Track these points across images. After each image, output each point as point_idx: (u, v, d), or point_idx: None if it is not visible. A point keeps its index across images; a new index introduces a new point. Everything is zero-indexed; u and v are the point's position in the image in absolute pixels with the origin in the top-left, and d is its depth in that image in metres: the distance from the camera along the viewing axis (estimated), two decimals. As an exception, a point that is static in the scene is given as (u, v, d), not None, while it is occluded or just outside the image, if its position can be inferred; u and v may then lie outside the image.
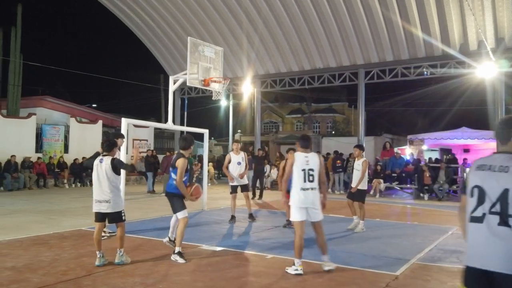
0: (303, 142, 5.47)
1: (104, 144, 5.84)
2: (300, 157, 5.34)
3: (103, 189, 5.52)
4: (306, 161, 5.29)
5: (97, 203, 5.57)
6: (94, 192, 5.60)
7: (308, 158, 5.32)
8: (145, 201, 13.15)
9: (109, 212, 5.56)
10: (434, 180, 15.09)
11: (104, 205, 5.53)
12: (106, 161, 5.62)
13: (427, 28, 16.41)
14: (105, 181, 5.53)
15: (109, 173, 5.54)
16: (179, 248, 5.80)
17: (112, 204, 5.53)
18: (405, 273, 5.40)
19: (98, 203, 5.57)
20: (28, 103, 21.23)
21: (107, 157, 5.68)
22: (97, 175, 5.59)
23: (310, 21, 18.08)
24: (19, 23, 19.66)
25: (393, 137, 27.54)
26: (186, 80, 10.52)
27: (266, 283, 4.94)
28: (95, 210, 5.61)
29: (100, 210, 5.57)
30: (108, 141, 5.95)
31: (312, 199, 5.28)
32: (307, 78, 20.43)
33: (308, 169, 5.27)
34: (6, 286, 4.60)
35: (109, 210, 5.54)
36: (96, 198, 5.58)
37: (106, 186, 5.52)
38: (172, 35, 21.27)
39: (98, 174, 5.58)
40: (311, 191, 5.27)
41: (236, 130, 37.11)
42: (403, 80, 18.72)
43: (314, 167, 5.30)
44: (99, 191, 5.55)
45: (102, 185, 5.53)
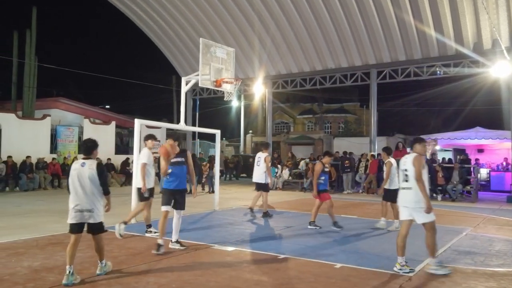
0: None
1: (82, 147, 5.35)
2: (401, 160, 5.91)
3: (87, 196, 4.93)
4: (404, 162, 5.76)
5: (78, 212, 4.91)
6: (73, 200, 4.94)
7: (406, 160, 5.74)
8: (158, 201, 13.20)
9: (92, 222, 4.97)
10: (447, 181, 14.93)
11: (86, 215, 4.93)
12: (90, 165, 5.01)
13: (440, 27, 16.25)
14: (89, 188, 4.94)
15: (93, 179, 4.95)
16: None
17: (95, 214, 4.97)
18: (418, 274, 5.37)
19: (79, 213, 4.91)
20: (43, 105, 21.53)
21: (91, 160, 5.09)
22: (78, 181, 4.93)
23: (321, 21, 18.03)
24: (34, 26, 19.95)
25: (406, 137, 27.31)
26: (198, 81, 10.57)
27: (279, 283, 4.95)
28: (76, 220, 4.93)
29: (81, 220, 4.93)
30: (86, 143, 5.29)
31: (410, 198, 5.57)
32: (319, 78, 20.38)
33: (403, 170, 5.69)
34: (23, 284, 4.68)
35: (92, 221, 4.96)
36: (75, 207, 4.91)
37: (91, 193, 4.95)
38: (184, 37, 21.39)
39: (79, 179, 4.93)
40: (407, 190, 5.61)
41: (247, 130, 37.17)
42: (415, 80, 18.57)
43: (409, 168, 5.60)
44: (82, 198, 4.91)
45: (87, 192, 4.93)
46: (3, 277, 4.92)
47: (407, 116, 41.38)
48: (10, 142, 17.12)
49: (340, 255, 6.25)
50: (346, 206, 12.83)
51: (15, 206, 11.54)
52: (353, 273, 5.37)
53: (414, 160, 5.54)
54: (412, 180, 5.48)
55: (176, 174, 6.56)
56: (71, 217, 4.95)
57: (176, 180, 6.57)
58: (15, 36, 20.47)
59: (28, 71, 19.86)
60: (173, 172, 6.54)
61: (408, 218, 5.57)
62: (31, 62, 19.83)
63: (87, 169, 4.97)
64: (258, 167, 10.25)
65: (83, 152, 5.23)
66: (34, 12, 20.02)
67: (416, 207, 5.45)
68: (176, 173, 6.56)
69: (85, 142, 5.31)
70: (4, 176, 15.49)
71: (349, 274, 5.32)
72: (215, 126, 12.46)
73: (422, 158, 5.63)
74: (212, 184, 15.66)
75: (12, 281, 4.80)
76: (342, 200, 14.57)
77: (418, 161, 5.50)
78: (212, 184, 15.85)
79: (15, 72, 20.80)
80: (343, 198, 15.06)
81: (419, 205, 5.42)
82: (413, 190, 5.46)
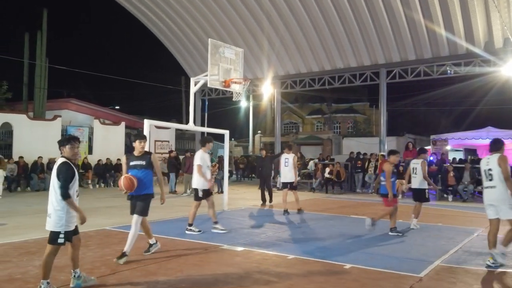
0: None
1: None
2: (483, 160, 6.07)
3: (49, 199, 4.44)
4: (487, 162, 5.89)
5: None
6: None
7: (489, 160, 5.87)
8: (167, 201, 13.22)
9: (48, 230, 4.44)
10: (458, 181, 14.78)
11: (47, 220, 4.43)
12: (56, 164, 4.44)
13: (451, 26, 16.11)
14: (52, 190, 4.41)
15: (54, 180, 4.39)
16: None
17: (51, 221, 4.42)
18: (429, 275, 5.32)
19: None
20: (53, 106, 21.76)
21: (60, 159, 4.49)
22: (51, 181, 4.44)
23: (330, 20, 17.98)
24: (45, 27, 20.16)
25: (416, 137, 27.14)
26: (206, 81, 10.60)
27: (288, 283, 4.94)
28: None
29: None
30: (64, 138, 4.63)
31: (495, 197, 5.71)
32: (328, 78, 20.31)
33: (487, 169, 5.82)
34: (34, 283, 4.72)
35: (47, 228, 4.45)
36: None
37: (52, 196, 4.41)
38: (192, 37, 21.47)
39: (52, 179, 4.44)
40: (491, 189, 5.77)
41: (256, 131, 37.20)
42: (425, 79, 18.44)
43: (493, 167, 5.74)
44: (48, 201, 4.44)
45: (50, 195, 4.41)
46: (15, 276, 4.97)
47: (417, 116, 41.10)
48: (21, 142, 17.32)
49: (349, 256, 6.21)
50: (355, 206, 12.77)
51: (26, 206, 11.67)
52: (363, 273, 5.34)
53: (499, 160, 5.72)
54: (496, 179, 5.67)
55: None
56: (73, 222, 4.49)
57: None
58: (26, 37, 20.70)
59: (39, 72, 20.07)
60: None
61: (495, 217, 5.77)
62: (42, 63, 20.04)
63: (54, 168, 4.45)
64: (287, 167, 10.82)
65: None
66: (44, 14, 20.24)
67: (501, 204, 5.66)
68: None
69: (66, 138, 4.66)
70: (16, 176, 15.68)
71: (359, 274, 5.29)
72: (224, 127, 12.48)
73: (507, 158, 5.84)
74: (221, 185, 15.69)
75: (23, 280, 4.85)
76: (352, 200, 14.51)
77: (503, 161, 5.70)
78: (221, 185, 15.88)
79: (26, 73, 21.05)
80: (352, 199, 15.00)
81: (506, 202, 5.63)
82: (497, 189, 5.67)
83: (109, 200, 13.38)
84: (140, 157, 5.96)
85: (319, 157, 20.77)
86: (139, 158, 5.96)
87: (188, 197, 14.72)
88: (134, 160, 5.95)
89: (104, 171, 18.25)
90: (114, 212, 10.58)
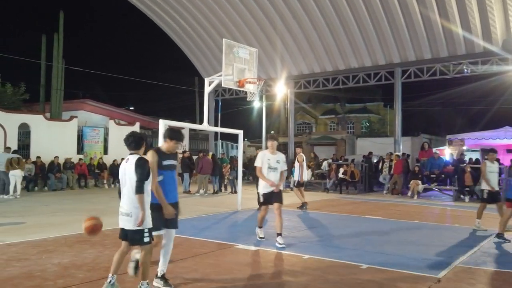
0: None
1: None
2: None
3: (126, 198, 4.32)
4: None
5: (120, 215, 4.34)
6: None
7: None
8: (182, 201, 13.32)
9: (129, 229, 4.27)
10: (475, 181, 14.54)
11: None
12: (132, 160, 4.36)
13: (468, 25, 15.88)
14: (130, 188, 4.28)
15: (132, 176, 4.28)
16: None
17: (132, 219, 4.23)
18: (447, 276, 5.24)
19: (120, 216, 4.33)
20: (69, 106, 22.05)
21: (134, 156, 4.42)
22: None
23: (344, 20, 17.87)
24: (61, 29, 20.44)
25: (431, 138, 26.80)
26: (220, 81, 10.63)
27: (304, 283, 4.92)
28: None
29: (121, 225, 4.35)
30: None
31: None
32: (342, 78, 20.20)
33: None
34: (53, 281, 4.79)
35: (128, 227, 4.26)
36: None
37: (131, 194, 4.26)
38: (206, 38, 21.56)
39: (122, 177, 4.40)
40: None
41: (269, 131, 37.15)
42: (441, 79, 18.21)
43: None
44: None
45: (128, 193, 4.29)
46: (35, 274, 5.05)
47: (432, 116, 40.61)
48: (38, 143, 17.59)
49: (365, 256, 6.16)
50: (370, 206, 12.67)
51: (44, 205, 11.85)
52: (379, 274, 5.29)
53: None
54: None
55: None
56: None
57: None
58: (43, 39, 21.03)
59: (55, 74, 20.36)
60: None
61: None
62: (58, 65, 20.33)
63: (129, 164, 4.29)
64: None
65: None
66: (61, 16, 20.53)
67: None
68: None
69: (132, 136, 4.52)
70: (34, 176, 15.92)
71: (375, 275, 5.24)
72: (237, 127, 12.48)
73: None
74: (234, 185, 15.72)
75: (43, 277, 4.92)
76: (367, 201, 14.40)
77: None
78: (234, 185, 15.91)
79: (43, 74, 21.38)
80: (366, 199, 14.88)
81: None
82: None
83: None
84: (173, 155, 4.85)
85: (333, 157, 20.66)
86: (172, 157, 4.83)
87: (201, 197, 14.79)
88: (167, 159, 4.75)
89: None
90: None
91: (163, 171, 4.67)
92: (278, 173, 6.97)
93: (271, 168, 6.92)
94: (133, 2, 20.77)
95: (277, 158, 7.01)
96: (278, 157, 7.03)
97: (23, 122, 17.61)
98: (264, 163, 6.97)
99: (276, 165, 6.95)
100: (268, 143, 7.16)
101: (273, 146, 7.07)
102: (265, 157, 7.00)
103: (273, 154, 7.03)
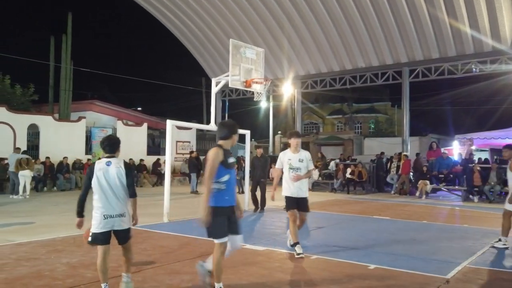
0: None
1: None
2: None
3: (116, 199, 4.35)
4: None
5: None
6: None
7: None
8: (189, 201, 13.41)
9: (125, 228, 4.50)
10: (484, 181, 14.43)
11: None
12: (119, 163, 4.34)
13: (476, 23, 15.76)
14: (121, 190, 4.35)
15: (123, 179, 4.34)
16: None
17: (126, 219, 4.48)
18: (456, 277, 5.20)
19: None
20: (78, 107, 22.22)
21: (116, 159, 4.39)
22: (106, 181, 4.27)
23: (351, 19, 17.83)
24: (69, 31, 20.60)
25: (440, 137, 26.61)
26: (227, 82, 10.64)
27: (312, 283, 4.91)
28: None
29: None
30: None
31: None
32: (349, 77, 20.14)
33: None
34: (62, 280, 4.83)
35: (125, 227, 4.51)
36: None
37: (123, 195, 4.38)
38: (213, 38, 21.61)
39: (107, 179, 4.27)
40: None
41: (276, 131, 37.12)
42: (449, 78, 18.09)
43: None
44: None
45: (118, 195, 4.32)
46: (44, 273, 5.09)
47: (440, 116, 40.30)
48: (47, 143, 17.74)
49: (373, 256, 6.13)
50: (377, 207, 12.61)
51: (53, 205, 11.95)
52: (387, 274, 5.26)
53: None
54: None
55: None
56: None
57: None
58: (51, 41, 21.20)
59: (64, 75, 20.52)
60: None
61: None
62: (67, 66, 20.48)
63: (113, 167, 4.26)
64: None
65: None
66: (69, 17, 20.68)
67: None
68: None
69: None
70: (43, 176, 16.06)
71: (383, 275, 5.22)
72: (244, 127, 12.46)
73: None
74: (242, 185, 15.72)
75: (52, 276, 4.97)
76: (374, 201, 14.34)
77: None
78: (241, 185, 15.92)
79: (52, 75, 21.55)
80: (374, 199, 14.82)
81: None
82: None
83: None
84: (230, 153, 4.40)
85: (340, 158, 20.59)
86: (230, 155, 4.39)
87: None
88: (230, 156, 4.32)
89: (127, 172, 18.54)
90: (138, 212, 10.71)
91: (229, 170, 4.26)
92: (302, 174, 6.20)
93: (293, 169, 6.17)
94: (140, 3, 20.89)
95: (300, 156, 6.22)
96: (301, 155, 6.24)
97: (32, 122, 17.78)
98: (284, 164, 6.27)
99: (298, 165, 6.18)
100: (291, 141, 6.32)
101: (297, 144, 6.26)
102: (285, 157, 6.29)
103: (295, 153, 6.25)
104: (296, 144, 6.28)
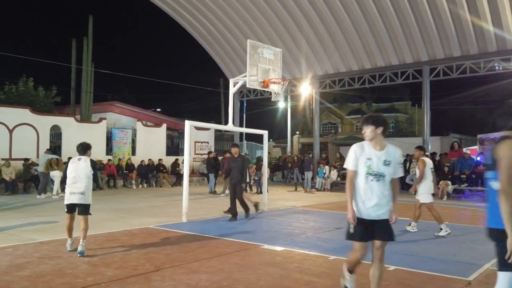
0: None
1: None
2: None
3: (81, 181, 6.44)
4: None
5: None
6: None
7: None
8: (207, 201, 13.49)
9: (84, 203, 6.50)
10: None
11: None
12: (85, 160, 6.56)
13: (499, 20, 15.39)
14: (84, 175, 6.45)
15: (87, 169, 6.52)
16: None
17: (86, 197, 6.48)
18: (478, 279, 5.10)
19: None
20: (99, 109, 22.62)
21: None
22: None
23: (370, 18, 17.63)
24: (90, 33, 20.98)
25: (461, 137, 26.10)
26: (245, 82, 10.68)
27: (330, 284, 4.88)
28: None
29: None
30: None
31: None
32: (368, 77, 19.93)
33: None
34: (83, 278, 4.92)
35: (85, 202, 6.49)
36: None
37: (87, 179, 6.46)
38: (231, 39, 21.68)
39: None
40: None
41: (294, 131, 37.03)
42: (471, 76, 17.71)
43: None
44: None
45: (83, 178, 6.45)
46: (66, 271, 5.20)
47: (462, 115, 39.49)
48: (69, 144, 18.06)
49: (393, 257, 6.05)
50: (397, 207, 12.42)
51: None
52: (407, 276, 5.19)
53: None
54: None
55: None
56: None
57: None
58: (73, 43, 21.63)
59: (85, 77, 20.91)
60: None
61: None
62: (88, 68, 20.86)
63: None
64: None
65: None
66: (90, 20, 21.07)
67: None
68: None
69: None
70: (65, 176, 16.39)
71: (403, 277, 5.15)
72: (262, 128, 12.50)
73: None
74: (260, 185, 15.74)
75: (73, 274, 5.06)
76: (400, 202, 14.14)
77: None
78: (260, 185, 15.93)
79: (73, 78, 21.99)
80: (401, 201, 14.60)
81: None
82: None
83: (152, 200, 13.74)
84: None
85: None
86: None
87: (227, 197, 14.84)
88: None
89: (147, 172, 18.75)
90: (157, 211, 10.85)
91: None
92: (387, 185, 3.92)
93: (373, 175, 3.85)
94: (159, 5, 21.12)
95: (387, 156, 3.88)
96: (388, 153, 3.90)
97: (54, 124, 18.15)
98: (360, 164, 3.88)
99: (383, 170, 3.85)
100: (366, 130, 3.90)
101: (378, 133, 3.87)
102: (363, 153, 3.89)
103: (379, 150, 3.89)
104: (372, 135, 3.87)
